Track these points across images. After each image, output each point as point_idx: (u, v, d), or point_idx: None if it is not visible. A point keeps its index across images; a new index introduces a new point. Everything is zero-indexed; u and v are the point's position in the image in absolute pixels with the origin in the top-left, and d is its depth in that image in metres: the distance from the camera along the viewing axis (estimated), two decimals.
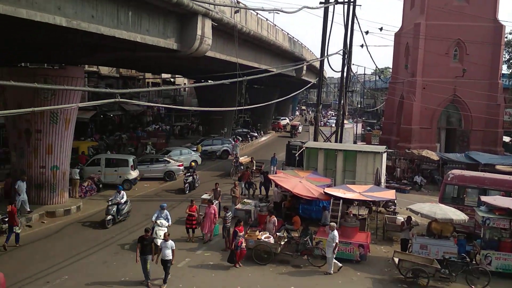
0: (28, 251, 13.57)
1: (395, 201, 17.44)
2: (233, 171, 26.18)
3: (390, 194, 15.72)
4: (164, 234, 11.68)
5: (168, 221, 13.73)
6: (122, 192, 17.15)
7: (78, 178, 19.89)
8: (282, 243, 13.39)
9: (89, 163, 22.78)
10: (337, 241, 12.42)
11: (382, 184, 18.63)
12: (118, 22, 12.93)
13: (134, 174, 22.44)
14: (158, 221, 13.47)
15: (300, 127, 55.73)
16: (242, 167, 25.90)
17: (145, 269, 11.19)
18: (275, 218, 14.70)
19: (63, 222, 16.75)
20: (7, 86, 16.67)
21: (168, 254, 11.21)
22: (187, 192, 21.71)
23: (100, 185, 21.37)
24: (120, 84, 43.65)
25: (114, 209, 16.38)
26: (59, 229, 15.89)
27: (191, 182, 22.34)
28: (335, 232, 12.53)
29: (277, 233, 13.77)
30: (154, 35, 14.95)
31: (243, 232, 12.95)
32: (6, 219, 14.12)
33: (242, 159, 27.68)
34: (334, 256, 12.50)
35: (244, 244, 12.77)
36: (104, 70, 39.95)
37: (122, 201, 16.87)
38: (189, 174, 22.75)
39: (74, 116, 18.41)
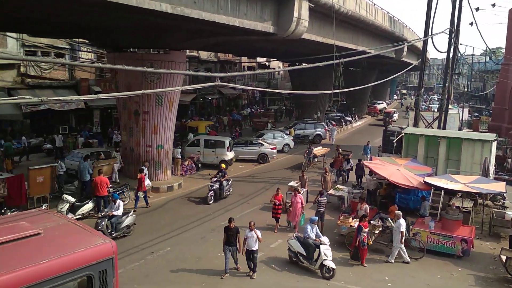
0: (136, 222, 14.81)
1: (505, 194, 15.92)
2: (306, 164, 23.53)
3: (499, 187, 14.35)
4: (250, 223, 10.98)
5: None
6: (118, 201, 13.47)
7: (180, 157, 21.19)
8: (376, 231, 12.98)
9: (189, 143, 24.15)
10: (402, 229, 11.86)
11: (490, 175, 17.08)
12: (218, 7, 13.29)
13: (230, 155, 23.27)
14: None
15: (395, 115, 48.16)
16: (316, 159, 24.38)
17: (227, 258, 10.91)
18: (367, 206, 14.28)
19: (166, 197, 17.97)
20: (118, 70, 18.16)
21: (254, 245, 10.76)
22: (210, 202, 16.98)
23: (199, 165, 22.53)
24: (218, 68, 45.21)
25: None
26: (162, 204, 17.10)
27: (217, 190, 17.38)
28: (401, 221, 11.97)
29: (371, 221, 13.36)
30: (252, 19, 15.14)
31: (368, 228, 12.09)
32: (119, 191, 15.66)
33: (317, 151, 24.82)
34: (402, 245, 11.96)
35: (369, 241, 12.07)
36: (204, 54, 41.60)
37: (118, 212, 13.19)
38: (216, 179, 17.70)
39: (177, 98, 19.51)
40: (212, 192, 17.20)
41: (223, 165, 18.63)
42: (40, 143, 25.37)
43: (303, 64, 31.67)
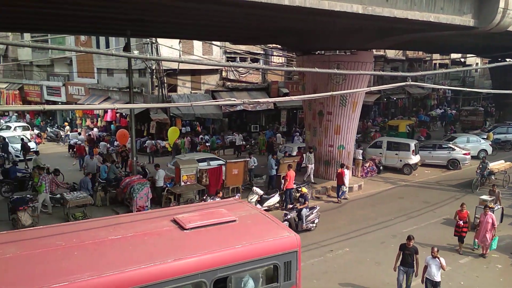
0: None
1: None
2: (477, 182, 18.79)
3: None
4: (433, 249, 9.37)
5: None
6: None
7: (361, 158, 20.94)
8: None
9: (371, 145, 23.65)
10: None
11: None
12: (412, 3, 12.64)
13: (415, 159, 21.92)
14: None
15: None
16: (493, 177, 19.16)
17: (399, 281, 9.63)
18: None
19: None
20: (306, 72, 18.93)
21: (436, 274, 9.15)
22: None
23: (381, 167, 21.86)
24: (406, 67, 42.98)
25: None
26: (342, 204, 17.18)
27: (292, 220, 13.74)
28: None
29: None
30: (449, 13, 13.93)
31: None
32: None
33: (496, 165, 19.72)
34: None
35: None
36: (391, 53, 40.11)
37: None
38: (292, 205, 14.82)
39: (361, 99, 19.31)
40: (287, 222, 13.62)
41: (304, 190, 14.98)
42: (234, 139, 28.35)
43: (507, 59, 27.60)
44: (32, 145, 25.03)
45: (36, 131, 31.55)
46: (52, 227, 7.22)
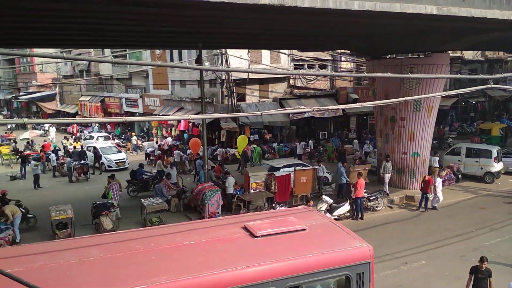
0: (388, 230, 14.71)
1: None
2: None
3: None
4: None
5: None
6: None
7: (438, 166, 19.84)
8: None
9: (448, 151, 22.40)
10: None
11: None
12: (490, 1, 11.87)
13: (497, 166, 20.38)
14: None
15: None
16: None
17: None
18: None
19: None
20: (376, 77, 18.42)
21: None
22: None
23: (460, 176, 20.57)
24: (485, 68, 40.27)
25: None
26: (417, 214, 16.41)
27: None
28: None
29: None
30: None
31: None
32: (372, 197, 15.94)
33: None
34: None
35: None
36: (468, 54, 37.82)
37: None
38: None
39: (437, 104, 18.40)
40: None
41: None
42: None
43: None
44: (122, 155, 26.53)
45: (116, 141, 33.64)
46: (131, 231, 7.63)
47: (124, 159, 26.07)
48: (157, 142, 31.71)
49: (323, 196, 16.09)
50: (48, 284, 5.26)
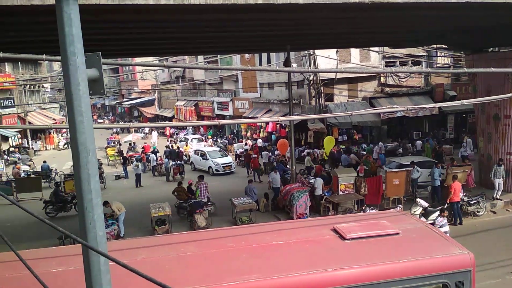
0: (491, 237, 13.57)
1: None
2: None
3: None
4: None
5: None
6: None
7: None
8: None
9: None
10: None
11: None
12: None
13: None
14: None
15: None
16: None
17: None
18: None
19: None
20: (477, 73, 17.09)
21: None
22: None
23: None
24: None
25: None
26: None
27: None
28: None
29: None
30: None
31: None
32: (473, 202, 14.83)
33: None
34: None
35: None
36: None
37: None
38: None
39: None
40: None
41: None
42: (395, 148, 27.00)
43: None
44: (228, 159, 26.54)
45: (210, 141, 35.17)
46: (223, 229, 7.96)
47: (230, 163, 26.12)
48: (246, 144, 32.56)
49: (418, 199, 15.28)
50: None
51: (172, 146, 31.62)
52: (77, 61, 2.43)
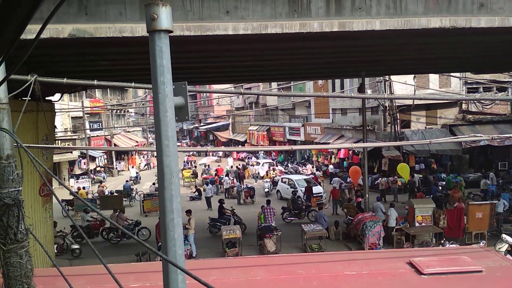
0: None
1: None
2: None
3: None
4: None
5: None
6: None
7: None
8: None
9: None
10: None
11: None
12: None
13: None
14: None
15: None
16: None
17: None
18: None
19: None
20: None
21: None
22: None
23: None
24: None
25: None
26: None
27: None
28: None
29: None
30: None
31: None
32: None
33: None
34: None
35: None
36: None
37: None
38: None
39: None
40: None
41: None
42: (478, 179, 25.23)
43: None
44: (319, 189, 24.45)
45: (280, 167, 35.37)
46: (293, 256, 7.93)
47: (321, 193, 23.73)
48: (317, 169, 32.27)
49: (503, 235, 14.08)
50: None
51: (238, 168, 32.44)
52: (166, 90, 2.65)
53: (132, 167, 41.46)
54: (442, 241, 14.25)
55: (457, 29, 8.72)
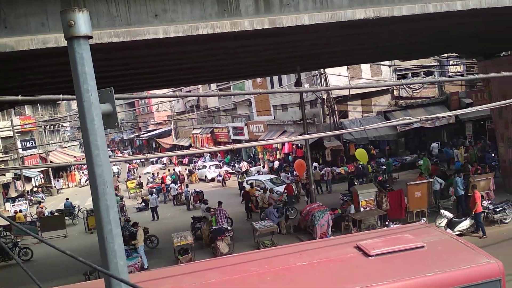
0: None
1: None
2: None
3: None
4: None
5: None
6: None
7: None
8: None
9: None
10: None
11: None
12: None
13: None
14: None
15: None
16: None
17: None
18: None
19: None
20: (491, 78, 16.92)
21: None
22: None
23: None
24: None
25: None
26: None
27: None
28: None
29: None
30: None
31: None
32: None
33: None
34: None
35: None
36: None
37: None
38: None
39: None
40: None
41: None
42: (414, 160, 26.62)
43: None
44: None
45: (226, 168, 35.29)
46: (245, 254, 7.93)
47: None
48: (263, 167, 32.54)
49: (442, 211, 15.00)
50: None
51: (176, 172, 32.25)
52: (91, 97, 2.54)
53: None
54: (387, 223, 14.87)
55: (381, 19, 9.10)
